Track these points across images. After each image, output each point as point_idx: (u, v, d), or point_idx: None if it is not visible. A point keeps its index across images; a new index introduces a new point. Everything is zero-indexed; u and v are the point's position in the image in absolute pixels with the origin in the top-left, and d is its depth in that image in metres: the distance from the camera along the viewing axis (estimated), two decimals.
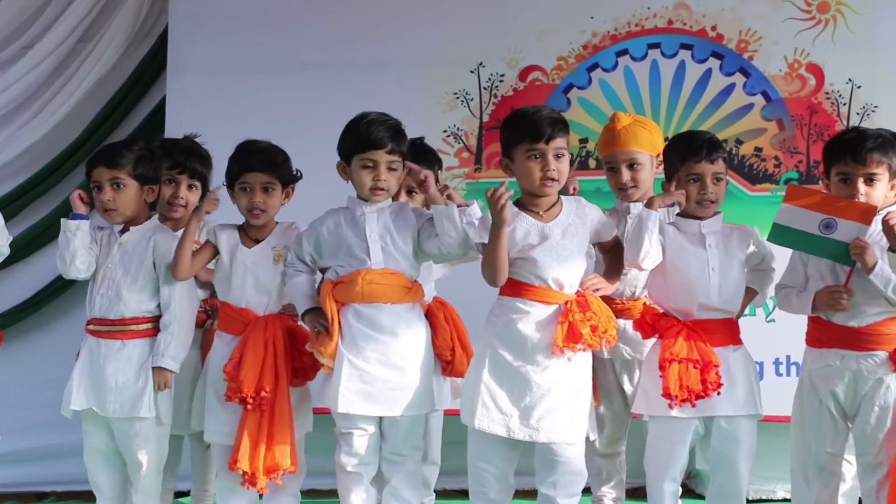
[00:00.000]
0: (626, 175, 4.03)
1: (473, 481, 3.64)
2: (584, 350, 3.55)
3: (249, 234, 3.88)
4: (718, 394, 3.57)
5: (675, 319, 3.67)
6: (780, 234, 3.68)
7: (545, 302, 3.56)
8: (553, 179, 3.57)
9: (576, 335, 3.51)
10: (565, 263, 3.58)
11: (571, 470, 3.58)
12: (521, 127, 3.59)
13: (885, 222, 3.41)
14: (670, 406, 3.57)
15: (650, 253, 3.64)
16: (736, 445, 3.63)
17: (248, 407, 3.69)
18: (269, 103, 5.02)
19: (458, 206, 3.80)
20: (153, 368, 3.81)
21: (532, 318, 3.55)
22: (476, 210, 3.87)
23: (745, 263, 3.76)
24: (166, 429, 3.91)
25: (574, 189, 4.23)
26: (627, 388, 4.06)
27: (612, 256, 3.79)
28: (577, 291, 3.60)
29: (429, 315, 4.00)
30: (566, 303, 3.55)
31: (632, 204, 4.06)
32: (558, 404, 3.53)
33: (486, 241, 3.57)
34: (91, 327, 3.88)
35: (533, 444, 3.57)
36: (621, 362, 4.06)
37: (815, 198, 3.65)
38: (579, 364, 3.58)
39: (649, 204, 3.66)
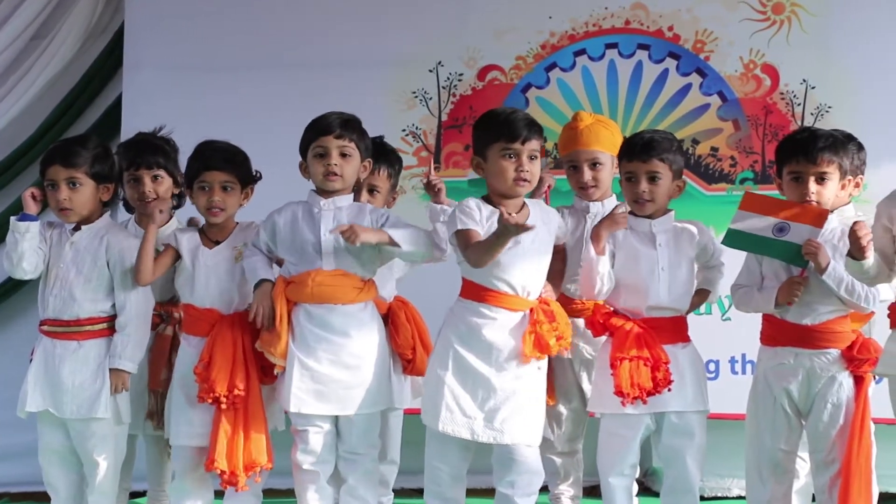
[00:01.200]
0: (587, 174, 4.05)
1: (430, 480, 3.65)
2: (551, 356, 3.58)
3: (210, 235, 3.87)
4: (669, 390, 3.60)
5: (625, 318, 3.70)
6: (735, 239, 3.71)
7: (511, 309, 3.57)
8: (526, 180, 3.58)
9: (543, 346, 3.53)
10: (532, 268, 3.59)
11: (529, 469, 3.59)
12: (496, 127, 3.60)
13: (853, 232, 3.42)
14: (623, 404, 3.60)
15: (603, 290, 3.71)
16: (686, 440, 3.68)
17: (223, 406, 3.67)
18: (228, 102, 4.99)
19: (440, 203, 3.86)
20: (110, 370, 3.78)
21: (498, 324, 3.55)
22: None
23: (696, 261, 3.80)
24: (125, 428, 3.89)
25: (549, 186, 4.23)
26: (586, 386, 4.07)
27: (554, 261, 3.75)
28: (540, 298, 3.61)
29: (390, 314, 4.01)
30: (532, 311, 3.56)
31: (591, 203, 4.09)
32: (521, 407, 3.54)
33: (469, 226, 3.53)
34: (45, 328, 3.84)
35: (489, 444, 3.57)
36: (580, 361, 4.08)
37: (769, 203, 3.69)
38: (540, 366, 3.60)
39: (596, 241, 3.68)
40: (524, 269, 3.57)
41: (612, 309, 3.75)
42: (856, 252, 3.42)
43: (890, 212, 3.46)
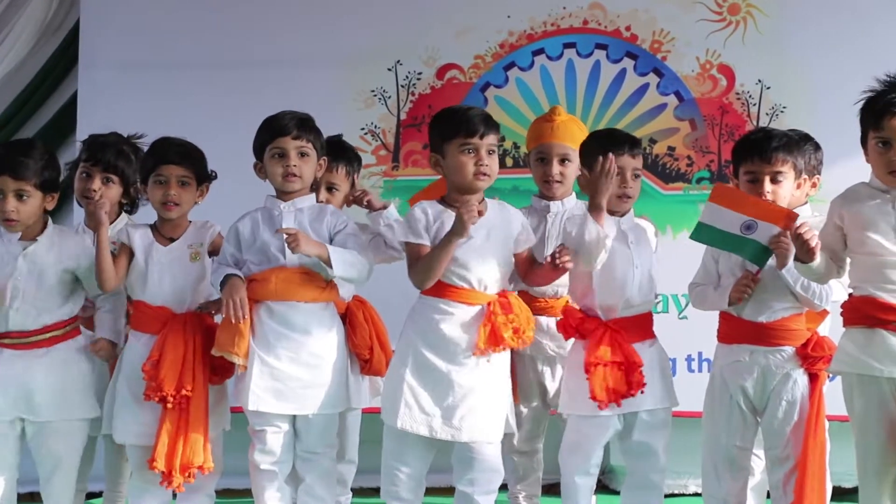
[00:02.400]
0: (556, 168, 4.08)
1: (387, 481, 3.63)
2: (503, 350, 3.58)
3: (163, 232, 3.84)
4: (642, 392, 3.63)
5: (597, 321, 3.71)
6: (703, 233, 3.72)
7: (468, 303, 3.57)
8: (486, 174, 3.59)
9: (498, 338, 3.53)
10: (488, 264, 3.59)
11: (489, 467, 3.60)
12: (455, 122, 3.60)
13: (798, 235, 3.44)
14: (599, 408, 3.62)
15: (603, 258, 3.67)
16: (657, 435, 3.72)
17: (169, 406, 3.65)
18: (185, 101, 4.97)
19: (376, 210, 3.83)
20: (101, 339, 3.82)
21: (456, 319, 3.56)
22: (393, 211, 3.88)
23: None
24: (87, 426, 3.86)
25: None
26: (549, 384, 4.10)
27: (529, 276, 3.74)
28: (500, 292, 3.62)
29: (348, 313, 4.00)
30: (489, 304, 3.57)
31: (551, 203, 4.11)
32: (479, 404, 3.54)
33: (409, 240, 3.58)
34: (8, 341, 3.78)
35: (449, 443, 3.58)
36: (544, 359, 4.09)
37: (739, 198, 3.70)
38: (498, 363, 3.60)
39: (597, 213, 3.61)
40: (479, 264, 3.57)
41: (582, 312, 3.76)
42: (802, 255, 3.45)
43: (841, 211, 3.50)
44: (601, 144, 3.78)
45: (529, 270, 3.73)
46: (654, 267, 3.84)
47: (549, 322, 4.02)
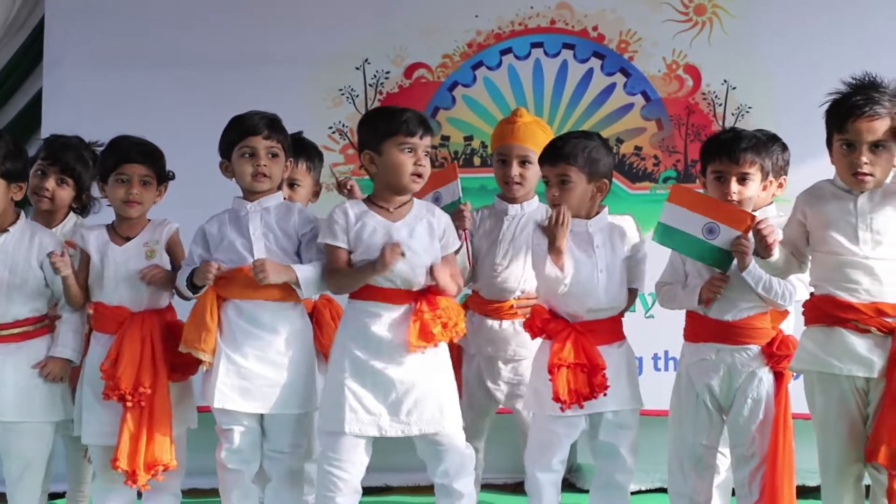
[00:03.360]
0: (516, 169, 4.10)
1: (322, 487, 3.57)
2: (435, 345, 3.57)
3: (120, 231, 3.82)
4: (605, 395, 3.64)
5: (563, 322, 3.72)
6: (665, 235, 3.74)
7: (395, 303, 3.57)
8: (421, 175, 3.60)
9: (428, 334, 3.53)
10: (413, 267, 3.57)
11: (459, 453, 3.62)
12: (395, 121, 3.59)
13: (757, 231, 3.49)
14: (561, 409, 3.63)
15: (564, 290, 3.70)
16: (623, 434, 3.73)
17: (128, 404, 3.63)
18: (150, 99, 4.94)
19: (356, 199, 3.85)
20: (50, 359, 3.78)
21: (385, 319, 3.56)
22: None
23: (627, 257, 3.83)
24: (52, 427, 3.84)
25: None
26: (490, 385, 4.12)
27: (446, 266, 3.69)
28: (427, 287, 3.61)
29: (315, 312, 4.01)
30: (417, 302, 3.56)
31: (510, 205, 4.13)
32: (424, 396, 3.55)
33: (327, 241, 3.58)
34: None
35: (404, 441, 3.58)
36: (485, 358, 4.12)
37: (698, 199, 3.73)
38: (436, 355, 3.60)
39: (556, 256, 3.65)
40: (404, 268, 3.55)
41: (549, 313, 3.77)
42: (761, 250, 3.49)
43: (804, 208, 3.53)
44: (543, 156, 3.82)
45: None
46: (641, 266, 3.83)
47: (493, 323, 4.08)
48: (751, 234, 3.59)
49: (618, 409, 3.72)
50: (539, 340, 3.80)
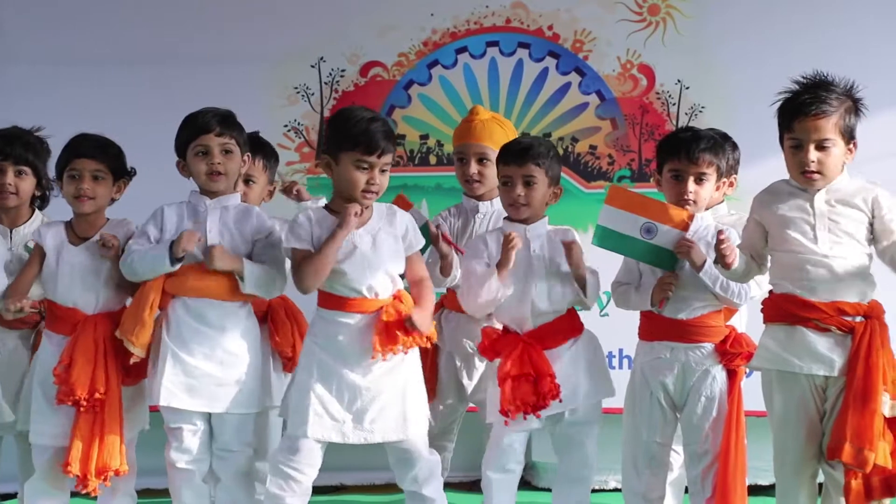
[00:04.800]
0: (474, 167, 4.11)
1: (274, 486, 3.55)
2: (403, 352, 3.56)
3: (78, 231, 3.78)
4: (560, 401, 3.65)
5: (513, 336, 3.72)
6: (604, 237, 3.76)
7: (363, 311, 3.56)
8: (374, 192, 3.58)
9: (392, 339, 3.52)
10: (377, 272, 3.57)
11: (426, 458, 3.62)
12: (355, 136, 3.54)
13: (718, 243, 3.49)
14: (506, 423, 3.65)
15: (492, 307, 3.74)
16: (584, 430, 3.75)
17: (82, 409, 3.60)
18: (106, 97, 4.87)
19: (304, 201, 3.82)
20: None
21: (353, 328, 3.55)
22: (324, 202, 3.87)
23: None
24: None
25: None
26: (465, 381, 4.12)
27: (416, 292, 3.68)
28: (393, 294, 3.61)
29: (270, 311, 4.00)
30: (381, 308, 3.55)
31: (480, 203, 4.13)
32: (389, 404, 3.55)
33: (293, 245, 3.55)
34: None
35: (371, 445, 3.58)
36: (462, 356, 4.12)
37: (635, 200, 3.76)
38: (404, 361, 3.59)
39: (500, 272, 3.66)
40: (368, 273, 3.55)
41: (499, 328, 3.79)
42: (720, 262, 3.52)
43: (762, 208, 3.54)
44: (498, 157, 3.83)
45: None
46: (568, 273, 3.77)
47: (471, 320, 4.03)
48: (691, 233, 3.64)
49: (575, 407, 3.72)
50: None
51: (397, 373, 3.57)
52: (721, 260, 3.49)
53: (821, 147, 3.40)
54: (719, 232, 3.51)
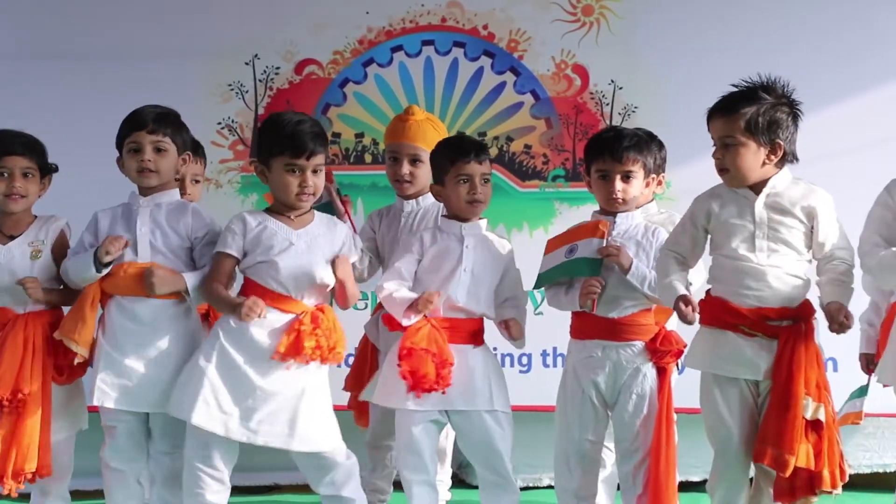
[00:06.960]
0: (406, 168, 4.10)
1: (191, 482, 3.54)
2: (305, 363, 3.53)
3: (4, 229, 3.74)
4: (457, 394, 3.64)
5: (422, 318, 3.69)
6: (542, 280, 3.85)
7: (283, 310, 3.55)
8: (310, 194, 3.58)
9: (298, 348, 3.49)
10: (307, 274, 3.56)
11: (342, 463, 3.61)
12: (282, 140, 3.55)
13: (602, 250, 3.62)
14: (408, 391, 3.61)
15: None
16: (483, 435, 3.71)
17: (5, 409, 3.56)
18: (40, 93, 4.83)
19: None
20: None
21: (267, 323, 3.53)
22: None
23: (499, 282, 3.82)
24: None
25: None
26: None
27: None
28: (317, 305, 3.60)
29: (211, 310, 3.96)
30: (300, 314, 3.54)
31: (406, 201, 4.14)
32: (280, 410, 3.51)
33: (220, 249, 3.56)
34: None
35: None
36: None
37: (559, 237, 3.85)
38: (307, 373, 3.55)
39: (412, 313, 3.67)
40: (297, 272, 3.55)
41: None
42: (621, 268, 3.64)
43: (706, 210, 3.54)
44: (448, 155, 3.81)
45: None
46: (495, 281, 3.79)
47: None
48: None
49: (467, 409, 3.69)
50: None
51: (296, 381, 3.54)
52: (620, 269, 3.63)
53: (724, 147, 3.45)
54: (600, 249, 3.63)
